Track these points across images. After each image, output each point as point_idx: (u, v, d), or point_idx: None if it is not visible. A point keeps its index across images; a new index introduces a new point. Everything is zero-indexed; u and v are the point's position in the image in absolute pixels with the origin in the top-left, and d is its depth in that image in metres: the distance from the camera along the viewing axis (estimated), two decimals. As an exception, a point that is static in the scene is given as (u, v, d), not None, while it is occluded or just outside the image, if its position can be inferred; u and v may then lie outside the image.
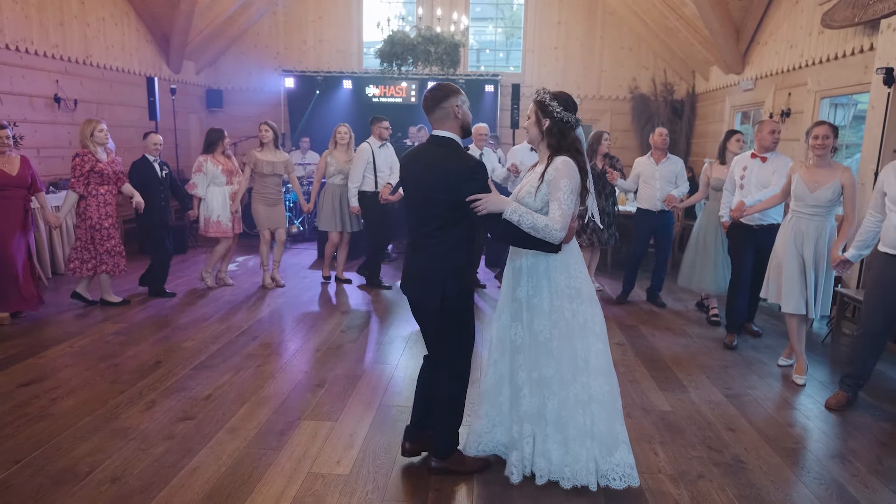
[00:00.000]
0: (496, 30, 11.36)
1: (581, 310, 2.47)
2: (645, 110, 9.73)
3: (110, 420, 3.13)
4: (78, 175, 4.90)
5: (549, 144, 2.46)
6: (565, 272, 2.48)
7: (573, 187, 2.36)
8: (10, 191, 4.55)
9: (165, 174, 5.58)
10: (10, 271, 4.55)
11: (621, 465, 2.47)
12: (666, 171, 5.48)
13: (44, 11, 6.79)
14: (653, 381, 3.82)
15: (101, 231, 5.03)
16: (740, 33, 7.38)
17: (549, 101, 2.43)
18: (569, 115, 2.42)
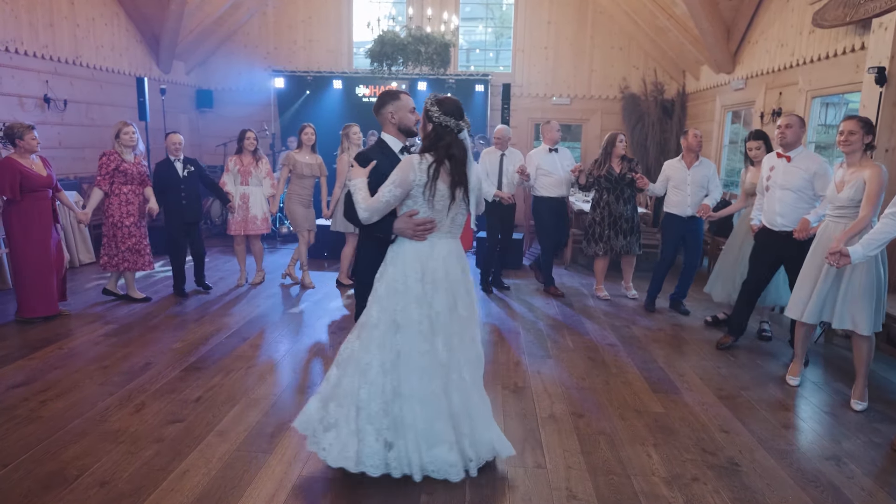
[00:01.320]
0: (486, 30, 11.36)
1: (406, 305, 2.53)
2: (635, 110, 9.75)
3: (100, 423, 3.09)
4: (104, 173, 5.03)
5: (423, 146, 2.55)
6: (401, 265, 2.55)
7: (397, 182, 2.45)
8: (42, 192, 4.64)
9: (188, 173, 5.53)
10: (43, 274, 4.66)
11: (439, 461, 2.53)
12: (698, 176, 5.15)
13: (33, 12, 6.73)
14: (645, 382, 3.82)
15: (122, 229, 5.15)
16: (731, 32, 7.41)
17: (431, 105, 2.52)
18: (448, 120, 2.48)
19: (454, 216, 2.57)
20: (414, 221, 2.51)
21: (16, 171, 4.44)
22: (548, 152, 5.80)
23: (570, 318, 5.24)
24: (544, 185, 5.79)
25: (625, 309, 5.55)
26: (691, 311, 5.42)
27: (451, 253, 2.59)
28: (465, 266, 2.66)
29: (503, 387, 3.69)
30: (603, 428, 3.17)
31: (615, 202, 5.56)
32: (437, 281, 2.52)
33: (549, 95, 10.22)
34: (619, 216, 5.56)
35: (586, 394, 3.62)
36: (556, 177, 5.75)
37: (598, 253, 5.62)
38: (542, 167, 5.76)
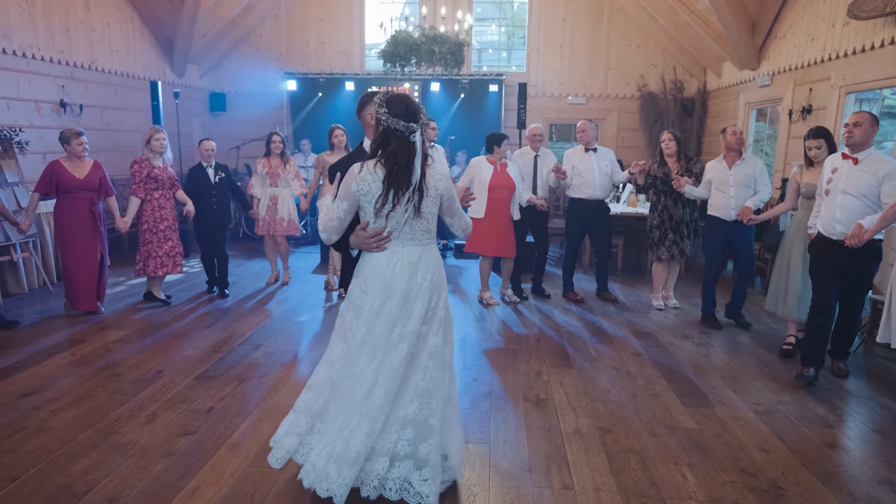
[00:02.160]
0: (498, 29, 11.21)
1: (352, 323, 2.41)
2: (654, 109, 9.54)
3: (110, 434, 3.00)
4: (138, 181, 5.15)
5: (370, 152, 2.38)
6: (359, 278, 2.43)
7: (342, 195, 2.33)
8: (77, 193, 4.85)
9: (219, 179, 5.64)
10: (81, 271, 4.88)
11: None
12: (741, 176, 4.77)
13: (50, 17, 6.72)
14: (674, 395, 3.64)
15: (158, 234, 5.27)
16: (756, 27, 7.19)
17: (378, 105, 2.29)
18: (395, 122, 2.25)
19: (412, 223, 2.34)
20: (366, 234, 2.35)
21: (53, 173, 4.79)
22: (584, 152, 5.58)
23: (590, 324, 5.07)
24: (578, 186, 5.57)
25: (651, 316, 5.36)
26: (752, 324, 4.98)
27: (417, 262, 2.37)
28: (437, 276, 2.43)
29: (525, 399, 3.54)
30: (632, 445, 3.00)
31: (673, 205, 5.23)
32: (394, 292, 2.34)
33: (564, 95, 10.04)
34: (680, 219, 5.22)
35: (612, 407, 3.46)
36: (589, 178, 5.50)
37: (662, 257, 5.30)
38: (576, 167, 5.55)
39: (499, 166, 5.31)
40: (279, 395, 3.50)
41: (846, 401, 3.61)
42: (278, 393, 3.54)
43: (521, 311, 5.42)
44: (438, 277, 2.44)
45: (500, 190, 5.26)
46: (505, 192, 5.28)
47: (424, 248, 2.40)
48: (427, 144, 5.58)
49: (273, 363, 4.01)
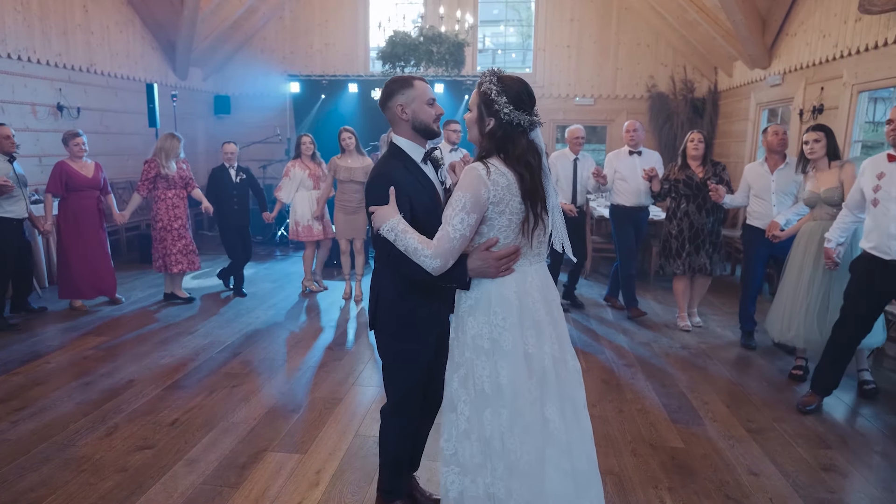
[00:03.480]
0: (509, 30, 11.05)
1: (500, 368, 1.86)
2: (663, 109, 9.29)
3: (66, 448, 2.90)
4: (143, 180, 5.31)
5: (483, 150, 1.89)
6: (484, 315, 1.88)
7: (469, 205, 1.79)
8: (87, 192, 5.12)
9: (241, 180, 5.70)
10: (97, 262, 5.20)
11: None
12: (784, 181, 4.24)
13: (46, 20, 6.72)
14: (664, 410, 3.44)
15: (172, 232, 5.37)
16: (766, 24, 6.92)
17: (497, 94, 1.82)
18: (520, 117, 1.82)
19: (539, 235, 1.93)
20: (494, 255, 1.85)
21: (62, 173, 5.00)
22: (628, 155, 5.17)
23: (585, 333, 4.87)
24: (620, 192, 5.16)
25: (665, 332, 5.14)
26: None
27: (547, 280, 1.99)
28: (557, 296, 2.04)
29: (504, 413, 3.36)
30: (611, 466, 2.82)
31: (696, 212, 4.68)
32: (541, 322, 1.89)
33: (571, 96, 9.83)
34: (700, 229, 4.70)
35: (596, 423, 3.24)
36: (631, 183, 5.08)
37: (677, 271, 4.78)
38: (619, 170, 5.14)
39: None
40: (248, 408, 3.37)
41: (849, 418, 3.37)
42: (247, 405, 3.41)
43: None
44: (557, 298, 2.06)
45: None
46: None
47: (544, 266, 2.01)
48: (451, 149, 5.49)
49: (248, 373, 3.89)
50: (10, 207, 4.66)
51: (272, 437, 3.02)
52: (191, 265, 5.51)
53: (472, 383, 1.90)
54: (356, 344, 4.50)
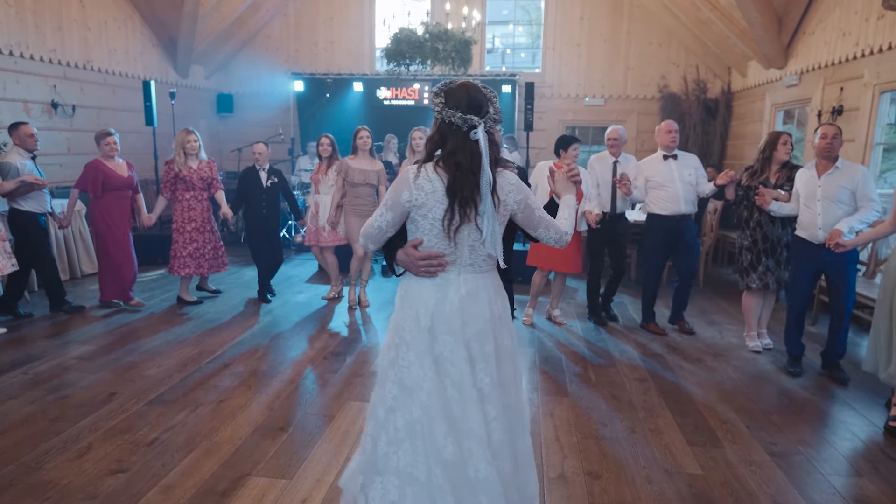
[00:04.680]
0: (518, 30, 10.83)
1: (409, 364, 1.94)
2: (675, 110, 9.03)
3: (33, 471, 2.69)
4: (165, 182, 5.27)
5: (425, 153, 1.94)
6: (402, 309, 1.99)
7: (388, 203, 1.89)
8: (123, 191, 5.11)
9: (271, 183, 5.50)
10: (120, 264, 5.13)
11: None
12: (832, 188, 3.76)
13: (40, 15, 6.55)
14: (679, 431, 3.20)
15: (184, 234, 5.28)
16: (783, 23, 6.66)
17: (436, 94, 1.88)
18: (453, 115, 1.82)
19: (473, 244, 1.89)
20: (416, 255, 1.90)
21: (99, 172, 4.97)
22: (662, 160, 4.70)
23: (593, 345, 4.63)
24: (655, 201, 4.70)
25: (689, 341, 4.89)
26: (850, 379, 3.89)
27: (476, 292, 1.93)
28: (502, 308, 2.00)
29: (507, 434, 3.12)
30: (623, 496, 2.58)
31: (768, 223, 4.20)
32: (454, 332, 1.89)
33: (581, 96, 9.59)
34: (776, 241, 4.21)
35: (606, 445, 3.03)
36: (670, 190, 4.62)
37: (752, 286, 4.27)
38: (652, 178, 4.69)
39: None
40: (233, 425, 3.16)
41: (878, 443, 3.12)
42: (233, 422, 3.19)
43: (526, 330, 5.00)
44: (505, 310, 2.02)
45: None
46: None
47: (483, 276, 1.95)
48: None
49: (236, 386, 3.68)
50: (34, 203, 4.79)
51: (257, 460, 2.81)
52: (199, 269, 5.35)
53: (394, 370, 1.97)
54: (355, 354, 4.28)
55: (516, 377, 2.04)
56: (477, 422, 1.87)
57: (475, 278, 1.93)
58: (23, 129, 4.77)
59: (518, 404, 2.03)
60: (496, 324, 1.95)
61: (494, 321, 1.94)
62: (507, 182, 1.88)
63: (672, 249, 4.78)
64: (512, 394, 2.00)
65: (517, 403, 2.02)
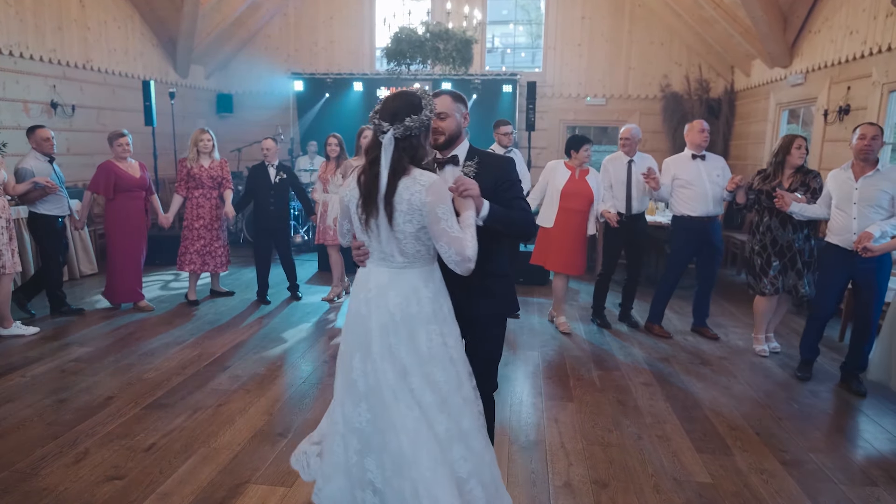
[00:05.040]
0: (518, 29, 10.78)
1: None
2: (678, 110, 8.97)
3: (28, 477, 2.63)
4: (179, 180, 5.33)
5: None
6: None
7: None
8: (135, 192, 5.09)
9: (279, 179, 5.51)
10: (133, 265, 5.12)
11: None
12: (870, 191, 3.56)
13: (40, 15, 6.49)
14: (687, 437, 3.14)
15: (193, 231, 5.34)
16: (788, 21, 6.60)
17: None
18: (373, 118, 1.99)
19: (384, 240, 1.99)
20: (353, 244, 2.16)
21: (111, 173, 4.96)
22: (691, 159, 4.58)
23: (598, 348, 4.57)
24: (682, 200, 4.57)
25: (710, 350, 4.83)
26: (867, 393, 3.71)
27: (385, 287, 2.01)
28: (428, 307, 2.00)
29: (511, 440, 3.07)
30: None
31: (779, 227, 4.09)
32: (360, 319, 2.05)
33: (582, 96, 9.53)
34: (787, 245, 4.09)
35: (613, 452, 2.97)
36: (697, 189, 4.50)
37: (765, 291, 4.17)
38: (680, 177, 4.56)
39: (577, 173, 4.64)
40: (232, 431, 3.10)
41: (894, 450, 3.05)
42: (232, 427, 3.14)
43: (523, 331, 4.94)
44: (415, 312, 1.99)
45: (574, 199, 4.60)
46: (579, 202, 4.61)
47: (398, 273, 2.01)
48: (505, 151, 5.06)
49: (236, 390, 3.62)
50: (52, 206, 4.82)
51: (256, 467, 2.75)
52: (204, 266, 5.39)
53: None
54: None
55: (447, 379, 2.01)
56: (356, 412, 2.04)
57: (388, 273, 2.02)
58: (39, 133, 4.77)
59: (452, 406, 2.00)
60: (411, 322, 1.98)
61: (409, 319, 1.98)
62: (414, 182, 1.92)
63: (697, 251, 4.66)
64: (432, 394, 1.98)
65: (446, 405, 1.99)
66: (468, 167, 2.17)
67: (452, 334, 2.06)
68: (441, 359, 2.00)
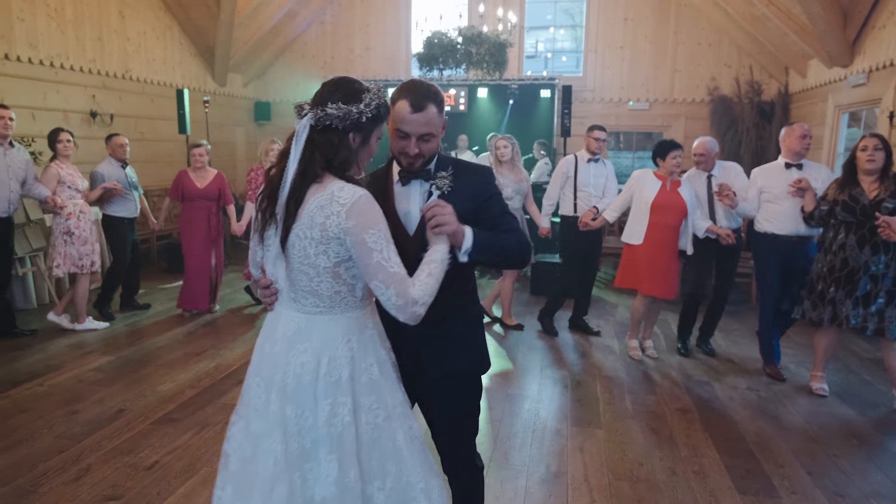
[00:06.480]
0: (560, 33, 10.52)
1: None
2: (727, 114, 8.51)
3: (26, 495, 2.56)
4: (253, 188, 5.41)
5: None
6: None
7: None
8: (196, 202, 5.25)
9: None
10: (197, 272, 5.24)
11: None
12: None
13: (81, 27, 6.66)
14: (727, 474, 2.82)
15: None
16: (848, 17, 6.12)
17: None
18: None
19: (290, 273, 1.52)
20: (260, 283, 1.63)
21: (179, 182, 5.25)
22: (784, 168, 3.92)
23: (632, 369, 4.26)
24: (769, 217, 3.95)
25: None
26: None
27: (293, 338, 1.53)
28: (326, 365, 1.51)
29: (529, 472, 2.83)
30: (659, 555, 2.25)
31: (854, 246, 3.45)
32: (259, 372, 1.59)
33: (624, 100, 9.18)
34: (856, 269, 3.44)
35: (642, 489, 2.69)
36: (786, 204, 3.85)
37: (824, 318, 3.58)
38: (767, 189, 3.95)
39: (668, 183, 4.14)
40: (237, 450, 2.97)
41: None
42: (237, 446, 3.01)
43: (564, 350, 4.66)
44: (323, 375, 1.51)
45: (666, 213, 4.07)
46: (671, 215, 4.08)
47: (309, 320, 1.54)
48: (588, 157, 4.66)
49: (247, 405, 3.50)
50: (119, 208, 5.12)
51: (254, 492, 2.60)
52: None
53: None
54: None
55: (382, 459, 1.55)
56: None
57: (298, 319, 1.54)
58: (115, 140, 5.21)
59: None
60: (333, 388, 1.49)
61: (329, 384, 1.49)
62: (332, 201, 1.44)
63: (787, 277, 3.95)
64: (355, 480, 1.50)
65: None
66: (442, 180, 1.69)
67: (384, 408, 1.55)
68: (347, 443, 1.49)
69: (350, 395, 1.51)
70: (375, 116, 1.54)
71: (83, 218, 4.76)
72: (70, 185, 4.74)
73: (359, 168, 1.58)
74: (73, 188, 4.75)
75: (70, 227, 4.67)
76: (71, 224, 4.67)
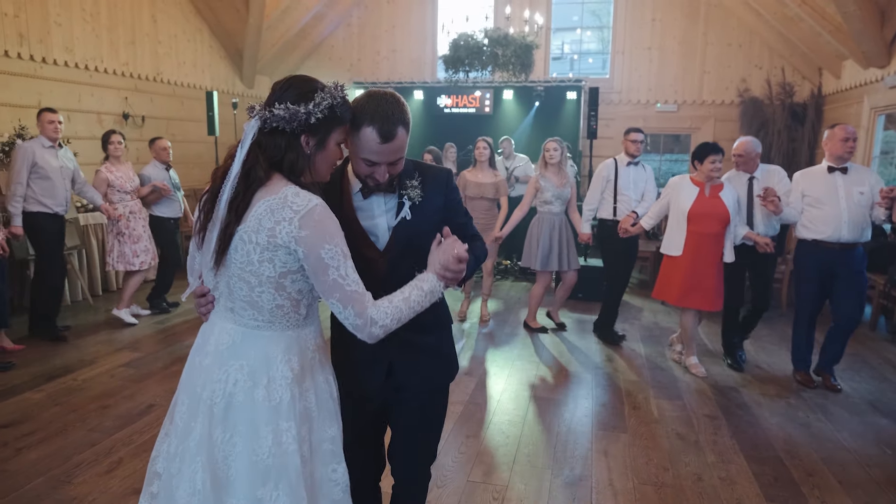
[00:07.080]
0: (586, 35, 10.45)
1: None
2: (757, 116, 8.34)
3: (61, 484, 2.64)
4: None
5: None
6: None
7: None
8: None
9: None
10: None
11: None
12: None
13: (114, 31, 6.83)
14: (755, 482, 2.77)
15: None
16: (886, 16, 5.95)
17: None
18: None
19: (228, 280, 1.43)
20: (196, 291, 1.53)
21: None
22: (827, 172, 3.77)
23: (658, 374, 4.21)
24: (810, 222, 3.81)
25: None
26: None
27: (225, 354, 1.43)
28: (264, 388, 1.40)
29: (553, 474, 2.81)
30: (685, 563, 2.22)
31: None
32: (185, 387, 1.49)
33: (652, 102, 9.06)
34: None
35: (667, 494, 2.66)
36: (828, 209, 3.71)
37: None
38: (810, 194, 3.80)
39: (707, 189, 3.96)
40: (263, 446, 3.01)
41: None
42: (263, 442, 3.05)
43: (588, 352, 4.63)
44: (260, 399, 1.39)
45: (706, 221, 3.88)
46: (712, 224, 3.89)
47: (245, 334, 1.43)
48: (627, 161, 4.59)
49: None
50: (166, 208, 5.35)
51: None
52: None
53: None
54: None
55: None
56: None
57: (234, 332, 1.43)
58: (158, 143, 5.42)
59: None
60: (252, 413, 1.37)
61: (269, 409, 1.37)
62: (284, 206, 1.34)
63: (830, 286, 3.83)
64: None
65: None
66: (413, 190, 1.58)
67: (308, 442, 1.44)
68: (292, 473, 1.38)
69: (294, 420, 1.40)
70: (329, 118, 1.42)
71: (133, 218, 5.03)
72: (119, 189, 5.01)
73: (311, 174, 1.45)
74: (121, 191, 5.02)
75: (121, 227, 4.98)
76: (121, 225, 4.97)
